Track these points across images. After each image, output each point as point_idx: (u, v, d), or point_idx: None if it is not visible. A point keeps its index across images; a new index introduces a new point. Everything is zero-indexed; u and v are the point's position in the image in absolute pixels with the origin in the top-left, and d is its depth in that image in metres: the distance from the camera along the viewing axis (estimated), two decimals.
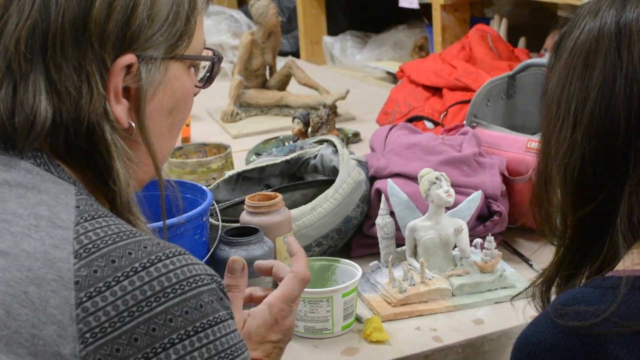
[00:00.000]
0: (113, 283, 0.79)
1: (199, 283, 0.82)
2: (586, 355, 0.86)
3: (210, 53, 1.00)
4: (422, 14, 3.15)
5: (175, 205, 1.48)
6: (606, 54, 0.94)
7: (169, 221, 1.30)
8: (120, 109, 0.89)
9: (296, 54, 3.53)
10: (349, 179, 1.59)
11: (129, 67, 0.88)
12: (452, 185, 1.50)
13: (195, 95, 1.01)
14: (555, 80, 1.00)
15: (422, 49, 3.20)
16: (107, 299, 0.78)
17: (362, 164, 1.67)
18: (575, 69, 0.97)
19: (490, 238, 1.49)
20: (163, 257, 0.82)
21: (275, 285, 1.39)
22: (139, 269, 0.80)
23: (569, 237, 1.01)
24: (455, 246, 1.51)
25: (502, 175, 1.67)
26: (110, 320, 0.77)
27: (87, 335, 0.77)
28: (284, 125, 2.48)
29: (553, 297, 1.04)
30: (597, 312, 0.87)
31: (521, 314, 1.18)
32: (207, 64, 1.01)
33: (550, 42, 2.58)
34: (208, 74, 1.02)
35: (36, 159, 0.87)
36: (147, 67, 0.90)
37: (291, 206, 1.58)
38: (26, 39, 0.85)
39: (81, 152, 0.88)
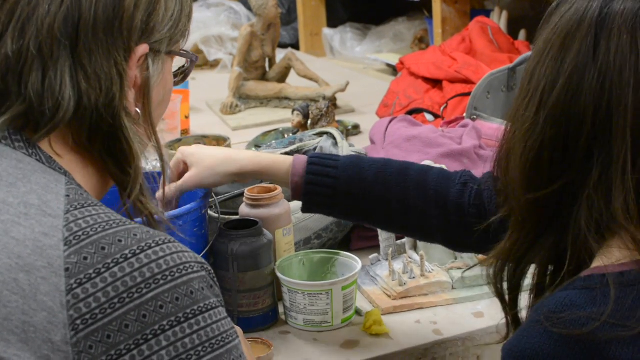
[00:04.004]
0: (103, 270, 0.79)
1: (189, 270, 0.82)
2: None
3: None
4: (422, 6, 3.15)
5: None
6: (583, 41, 0.89)
7: (168, 214, 1.30)
8: (132, 96, 0.92)
9: (296, 46, 3.52)
10: None
11: (139, 57, 0.91)
12: None
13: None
14: (534, 52, 0.95)
15: (422, 41, 3.19)
16: (97, 286, 0.78)
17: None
18: (552, 47, 0.92)
19: None
20: (153, 245, 0.82)
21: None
22: (129, 255, 0.80)
23: (520, 216, 0.95)
24: None
25: None
26: (100, 307, 0.78)
27: (78, 321, 0.77)
28: (284, 117, 2.47)
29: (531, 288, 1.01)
30: (592, 316, 0.83)
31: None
32: (183, 62, 1.05)
33: None
34: (183, 74, 1.05)
35: (28, 149, 0.88)
36: (153, 59, 0.93)
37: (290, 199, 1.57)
38: (60, 23, 0.87)
39: (103, 137, 0.90)
